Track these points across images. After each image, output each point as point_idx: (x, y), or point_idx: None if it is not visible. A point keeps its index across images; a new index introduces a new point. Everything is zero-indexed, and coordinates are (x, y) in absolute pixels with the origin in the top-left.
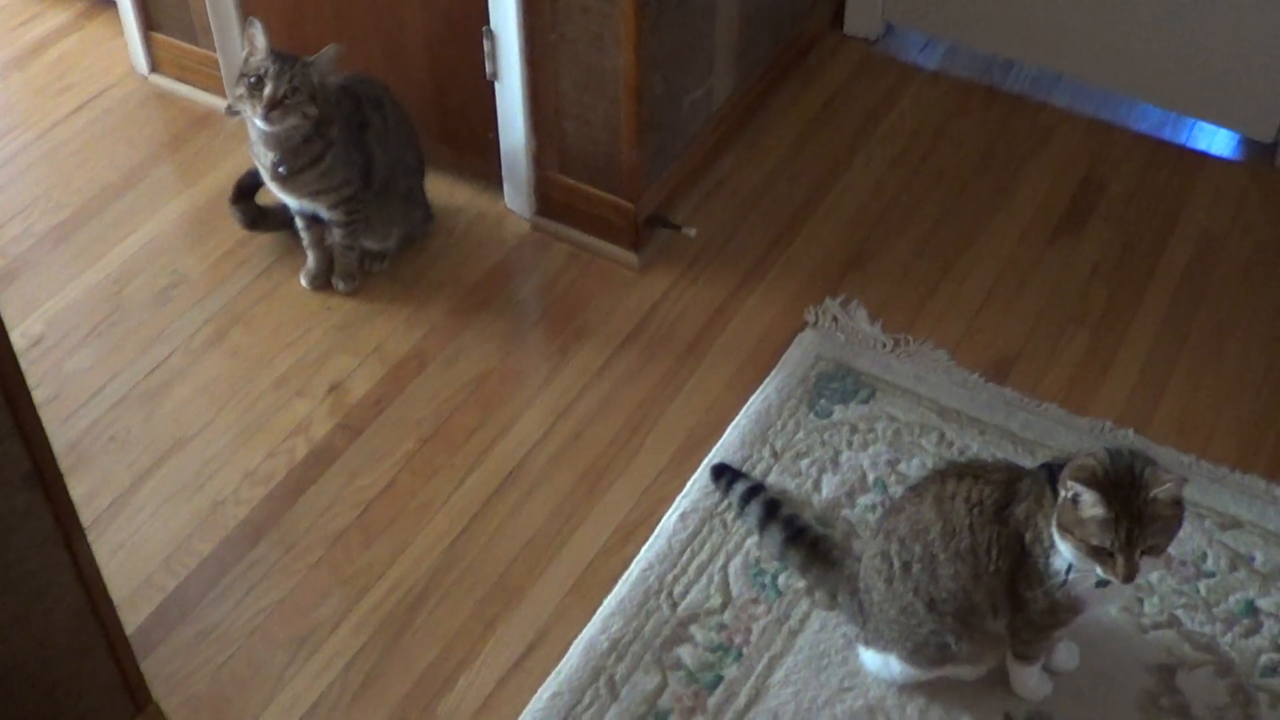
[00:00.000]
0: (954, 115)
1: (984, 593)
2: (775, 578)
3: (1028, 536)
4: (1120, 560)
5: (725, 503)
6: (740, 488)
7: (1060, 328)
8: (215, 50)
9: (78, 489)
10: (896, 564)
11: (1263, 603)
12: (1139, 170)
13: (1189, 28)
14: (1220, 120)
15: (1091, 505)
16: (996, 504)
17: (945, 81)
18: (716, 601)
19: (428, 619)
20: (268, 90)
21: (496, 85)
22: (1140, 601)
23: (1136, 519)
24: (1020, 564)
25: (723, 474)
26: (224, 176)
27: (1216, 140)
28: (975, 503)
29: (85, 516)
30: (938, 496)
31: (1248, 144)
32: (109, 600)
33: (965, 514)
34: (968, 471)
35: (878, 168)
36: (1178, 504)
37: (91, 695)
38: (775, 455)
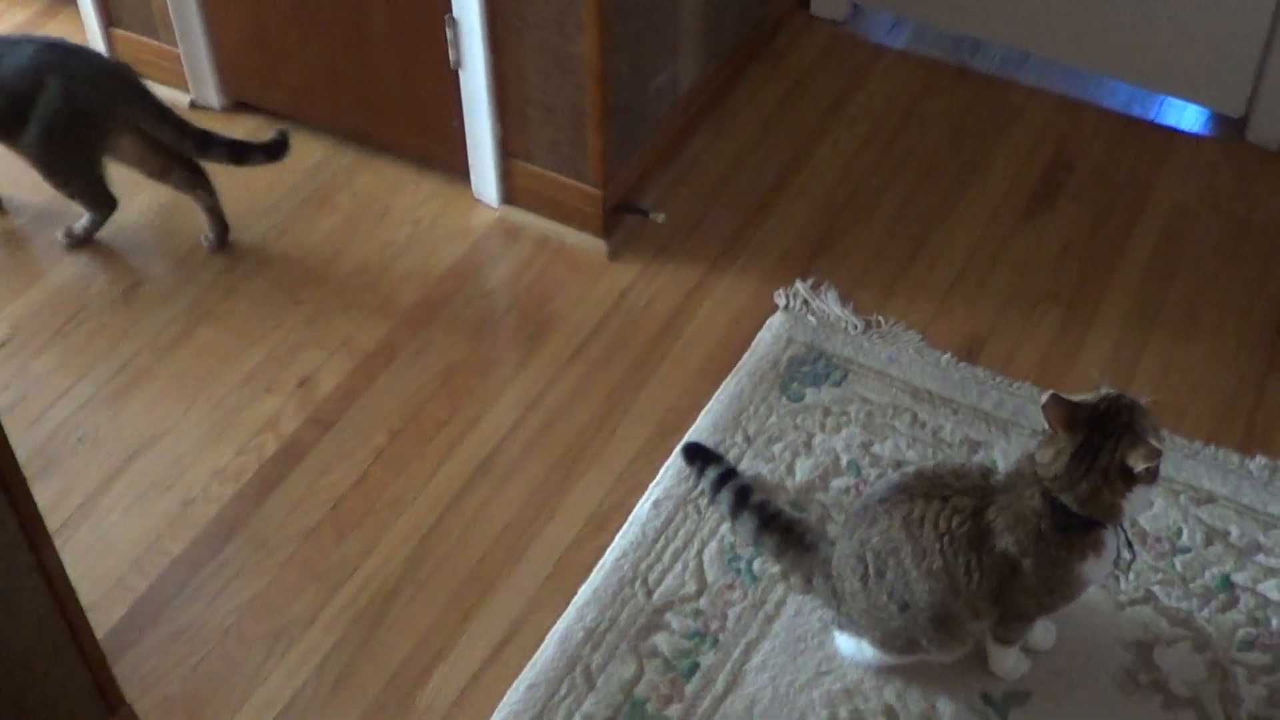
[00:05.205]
0: (922, 95)
1: (964, 604)
2: (750, 563)
3: (1027, 564)
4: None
5: (699, 489)
6: (712, 474)
7: (1032, 306)
8: (176, 45)
9: (46, 491)
10: (871, 569)
11: (1238, 577)
12: (1109, 147)
13: (1156, 3)
14: (1189, 95)
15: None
16: (969, 535)
17: (913, 61)
18: (692, 588)
19: (402, 613)
20: None
21: (460, 73)
22: (1116, 578)
23: None
24: (1011, 579)
25: (695, 456)
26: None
27: (1186, 115)
28: (944, 531)
29: (55, 519)
30: (906, 519)
31: (1217, 119)
32: (77, 603)
33: (935, 539)
34: (935, 492)
35: (846, 149)
36: None
37: (63, 699)
38: (748, 440)
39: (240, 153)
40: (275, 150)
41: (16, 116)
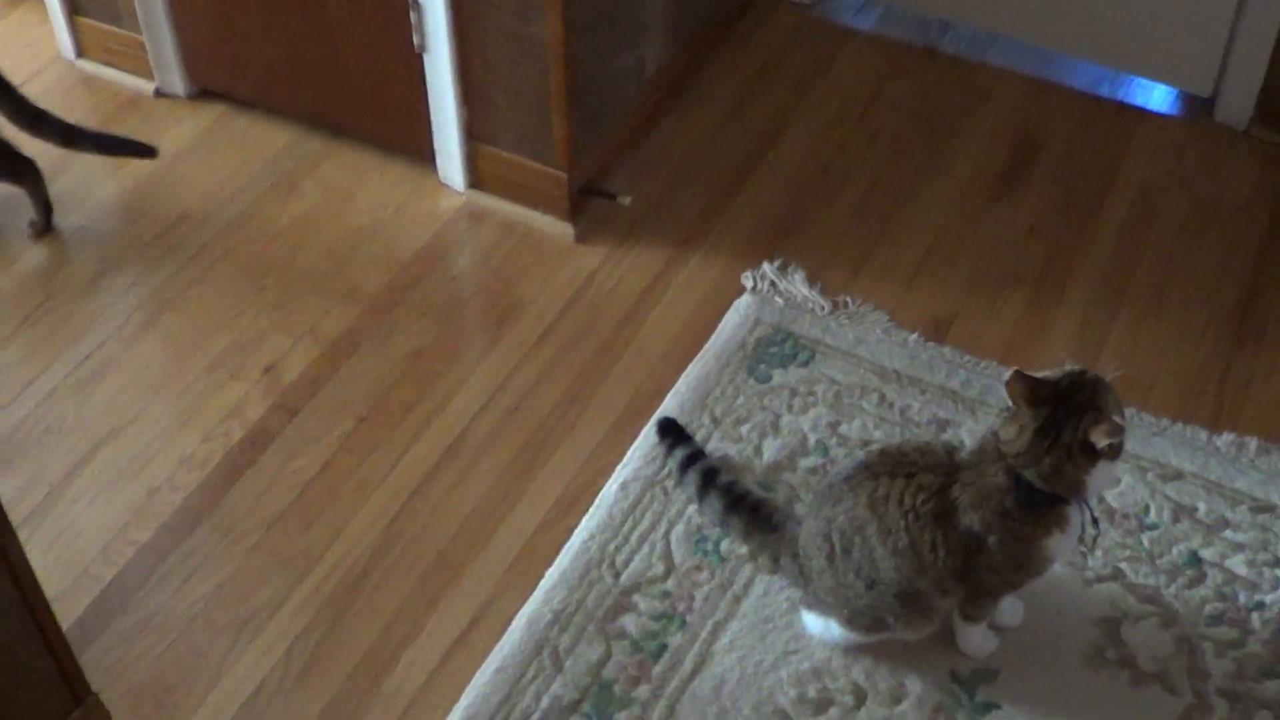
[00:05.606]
0: (890, 77)
1: (930, 581)
2: (718, 544)
3: (992, 540)
4: None
5: (666, 470)
6: (679, 454)
7: (999, 285)
8: (141, 32)
9: (12, 482)
10: (837, 547)
11: (1206, 553)
12: (1076, 127)
13: None
14: (1157, 75)
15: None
16: (933, 512)
17: (881, 43)
18: (659, 570)
19: (369, 598)
20: None
21: (425, 57)
22: (1084, 555)
23: None
24: (977, 556)
25: (668, 432)
26: (152, 161)
27: (1154, 95)
28: (909, 508)
29: (21, 510)
30: (871, 496)
31: (1185, 98)
32: (42, 594)
33: (900, 517)
34: (899, 470)
35: (814, 131)
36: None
37: (28, 689)
38: (715, 421)
39: (71, 136)
40: (109, 145)
41: None
